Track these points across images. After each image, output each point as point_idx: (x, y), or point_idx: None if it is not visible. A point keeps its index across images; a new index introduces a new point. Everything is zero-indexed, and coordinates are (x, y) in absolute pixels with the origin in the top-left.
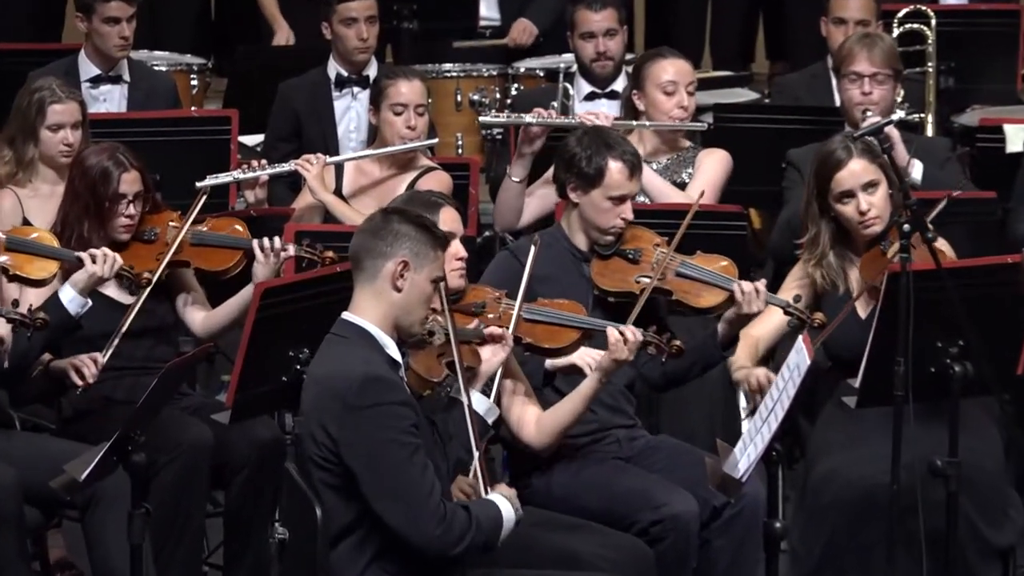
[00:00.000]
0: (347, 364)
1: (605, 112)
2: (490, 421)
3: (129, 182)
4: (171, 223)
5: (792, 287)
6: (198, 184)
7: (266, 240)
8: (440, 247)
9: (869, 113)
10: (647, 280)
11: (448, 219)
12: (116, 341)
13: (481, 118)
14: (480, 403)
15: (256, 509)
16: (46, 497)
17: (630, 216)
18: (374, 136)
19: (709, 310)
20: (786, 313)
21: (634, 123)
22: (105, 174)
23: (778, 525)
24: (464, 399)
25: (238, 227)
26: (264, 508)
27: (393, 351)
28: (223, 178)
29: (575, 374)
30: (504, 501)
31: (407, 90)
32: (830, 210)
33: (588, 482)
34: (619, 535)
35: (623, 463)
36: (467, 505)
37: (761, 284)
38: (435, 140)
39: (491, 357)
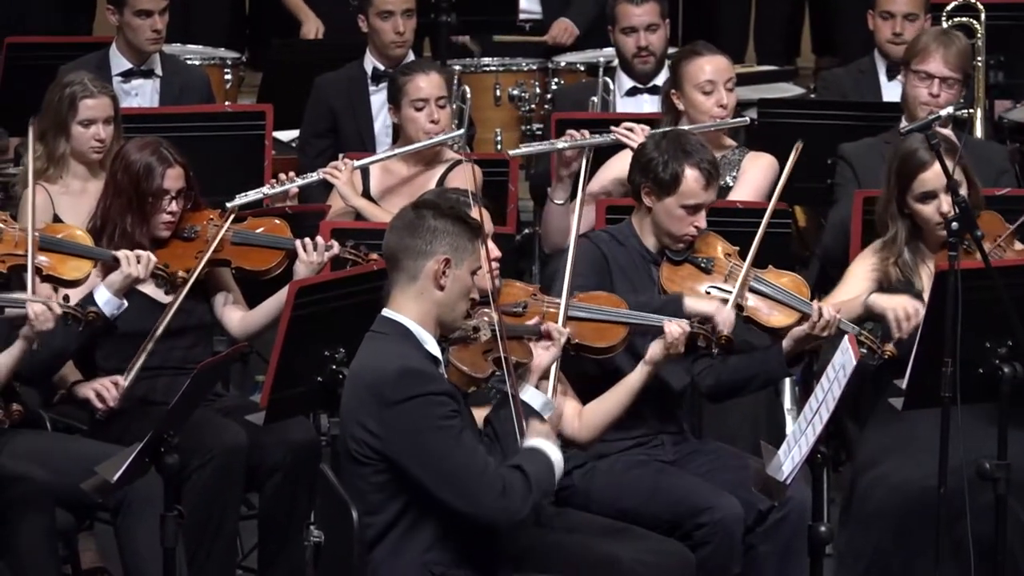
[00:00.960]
0: (383, 359)
1: (641, 127)
2: (546, 416)
3: (172, 178)
4: (211, 221)
5: (862, 279)
6: (228, 204)
7: (309, 239)
8: (477, 236)
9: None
10: (722, 294)
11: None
12: (142, 359)
13: (511, 151)
14: (535, 398)
15: (291, 512)
16: (77, 499)
17: (703, 225)
18: (397, 134)
19: (779, 330)
20: (857, 342)
21: (672, 128)
22: (148, 169)
23: (823, 529)
24: (511, 391)
25: (281, 227)
26: (299, 511)
27: (432, 347)
28: (252, 195)
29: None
30: (546, 444)
31: (426, 84)
32: (907, 209)
33: (630, 485)
34: (661, 539)
35: (666, 466)
36: (518, 464)
37: (837, 312)
38: (461, 132)
39: (544, 352)
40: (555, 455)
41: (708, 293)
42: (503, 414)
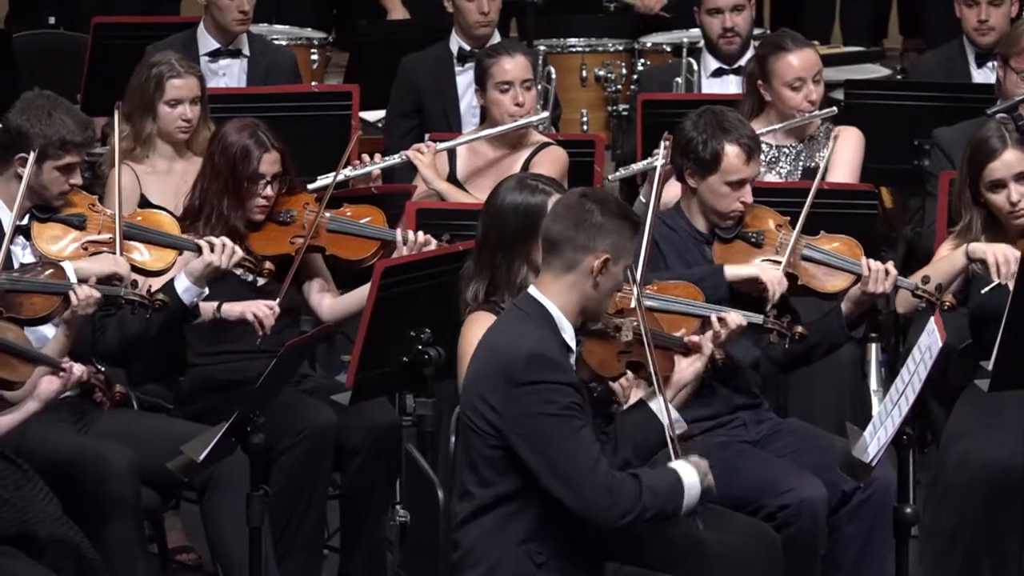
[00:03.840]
0: (518, 339)
1: None
2: (677, 431)
3: (269, 162)
4: (307, 206)
5: None
6: (309, 187)
7: (410, 232)
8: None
9: None
10: (773, 265)
11: None
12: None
13: (609, 176)
14: (672, 413)
15: (372, 493)
16: (164, 479)
17: (749, 199)
18: (484, 116)
19: (836, 295)
20: (914, 295)
21: (764, 129)
22: (246, 152)
23: (909, 511)
24: (659, 403)
25: (378, 217)
26: (380, 492)
27: (569, 336)
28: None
29: (753, 290)
30: (687, 467)
31: (511, 66)
32: (982, 197)
33: (714, 467)
34: (746, 520)
35: (750, 447)
36: (637, 474)
37: (891, 264)
38: (545, 115)
39: (687, 367)
40: (690, 479)
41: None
42: (634, 420)
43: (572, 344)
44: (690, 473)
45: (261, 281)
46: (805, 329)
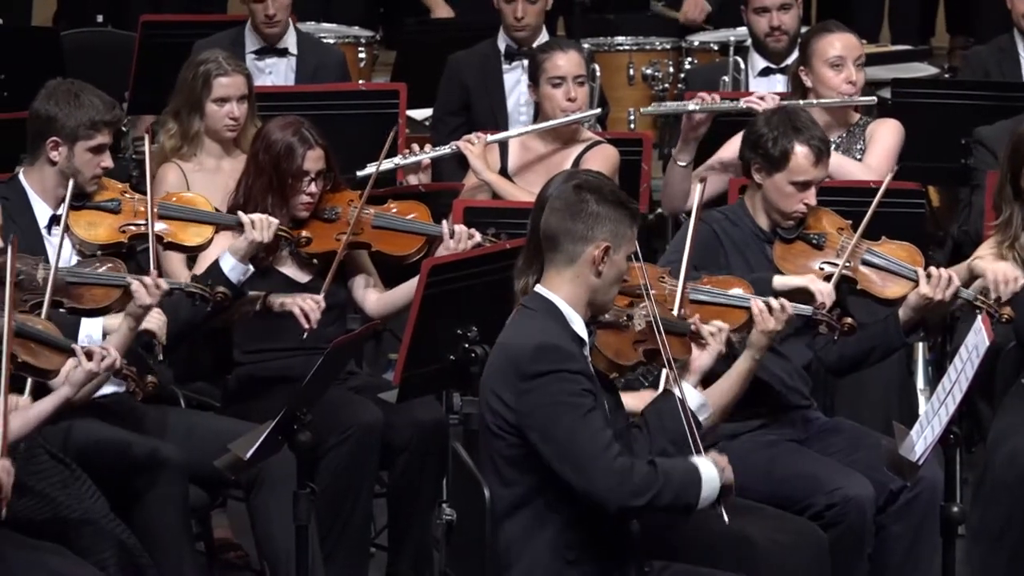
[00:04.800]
0: (526, 334)
1: (772, 95)
2: (702, 418)
3: (313, 159)
4: (352, 203)
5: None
6: (359, 173)
7: (456, 226)
8: (636, 222)
9: None
10: (832, 268)
11: None
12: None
13: (643, 109)
14: (692, 398)
15: (419, 491)
16: (211, 477)
17: (813, 202)
18: (537, 113)
19: (895, 301)
20: (973, 307)
21: (801, 102)
22: (289, 150)
23: (956, 510)
24: (676, 391)
25: (423, 212)
26: (427, 490)
27: (579, 328)
28: (384, 165)
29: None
30: (706, 463)
31: (564, 62)
32: (1022, 193)
33: (762, 465)
34: (793, 519)
35: (797, 445)
36: (655, 460)
37: (954, 274)
38: (597, 111)
39: (703, 353)
40: (709, 473)
41: (821, 269)
42: (663, 410)
43: (584, 335)
44: (708, 467)
45: (305, 278)
46: (855, 321)
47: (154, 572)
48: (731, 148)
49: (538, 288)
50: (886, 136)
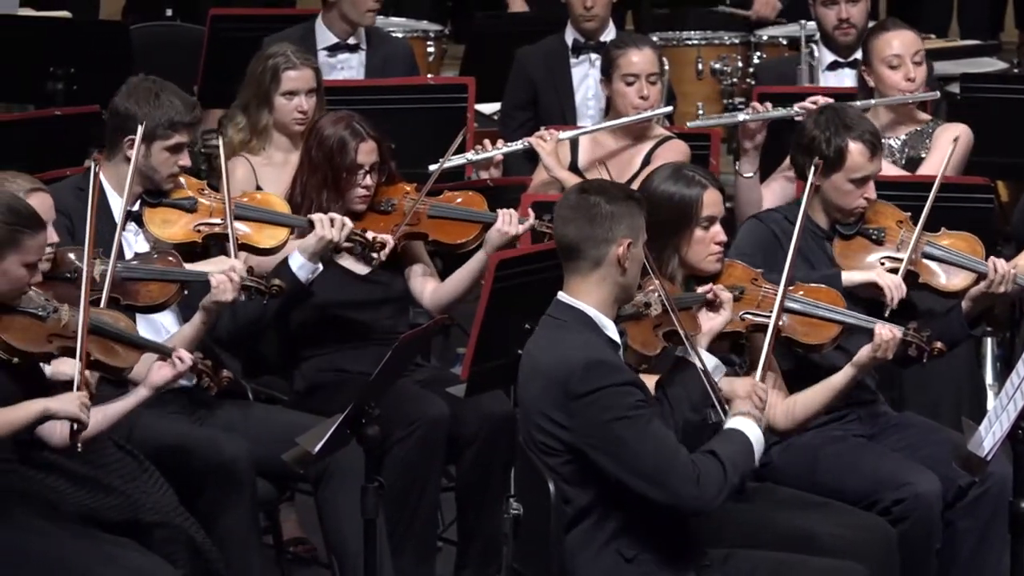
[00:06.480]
0: (567, 350)
1: (824, 99)
2: (717, 378)
3: (366, 152)
4: (407, 195)
5: None
6: (431, 168)
7: (510, 211)
8: (644, 209)
9: None
10: (895, 263)
11: (712, 201)
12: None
13: (689, 124)
14: (707, 360)
15: (487, 484)
16: (279, 470)
17: (873, 196)
18: (608, 107)
19: (957, 293)
20: None
21: (858, 103)
22: (342, 144)
23: None
24: (696, 361)
25: (477, 199)
26: (495, 483)
27: (612, 332)
28: (455, 160)
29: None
30: (744, 422)
31: (638, 59)
32: None
33: (828, 460)
34: (860, 514)
35: (865, 441)
36: (713, 450)
37: (1015, 266)
38: (669, 109)
39: (715, 316)
40: (754, 433)
41: (882, 264)
42: (677, 378)
43: (617, 338)
44: (751, 427)
45: (364, 270)
46: (945, 346)
47: (223, 566)
48: None
49: (562, 297)
50: (949, 144)
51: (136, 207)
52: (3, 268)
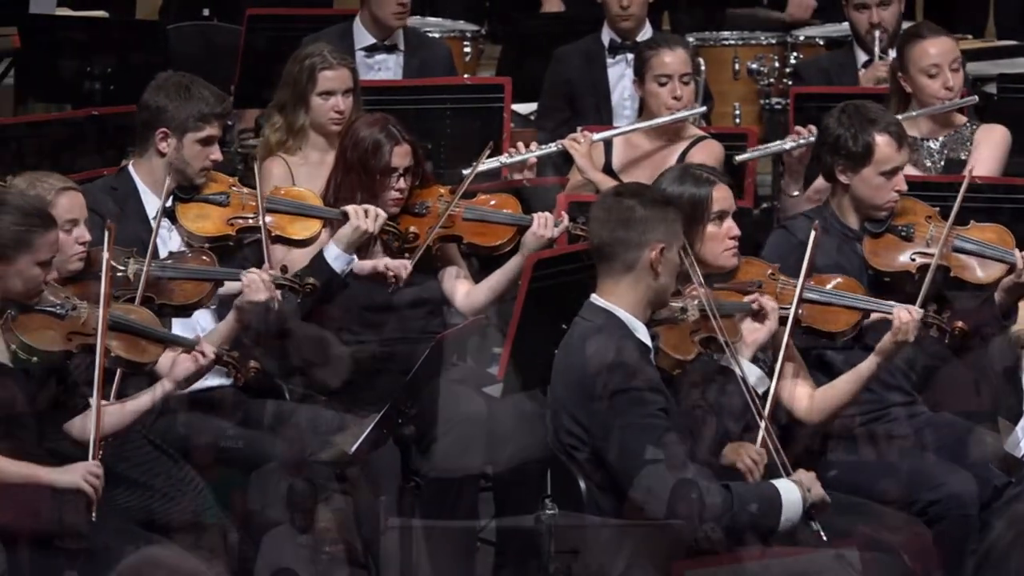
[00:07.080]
0: (596, 352)
1: (813, 128)
2: (760, 392)
3: (400, 155)
4: (441, 197)
5: None
6: (464, 172)
7: (547, 214)
8: (680, 216)
9: None
10: (926, 259)
11: (721, 196)
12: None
13: (737, 158)
14: (750, 372)
15: (524, 484)
16: (315, 470)
17: (904, 187)
18: (641, 108)
19: (989, 285)
20: None
21: (900, 116)
22: (377, 146)
23: None
24: (737, 370)
25: (512, 202)
26: (532, 483)
27: (644, 336)
28: (490, 163)
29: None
30: (789, 485)
31: (671, 59)
32: None
33: (865, 462)
34: (896, 514)
35: (902, 442)
36: (730, 485)
37: None
38: (703, 109)
39: (757, 330)
40: (792, 496)
41: (912, 260)
42: (728, 389)
43: (648, 342)
44: (790, 489)
45: (402, 269)
46: (966, 325)
47: (258, 564)
48: None
49: (594, 299)
50: (990, 148)
51: (169, 203)
52: (17, 269)
